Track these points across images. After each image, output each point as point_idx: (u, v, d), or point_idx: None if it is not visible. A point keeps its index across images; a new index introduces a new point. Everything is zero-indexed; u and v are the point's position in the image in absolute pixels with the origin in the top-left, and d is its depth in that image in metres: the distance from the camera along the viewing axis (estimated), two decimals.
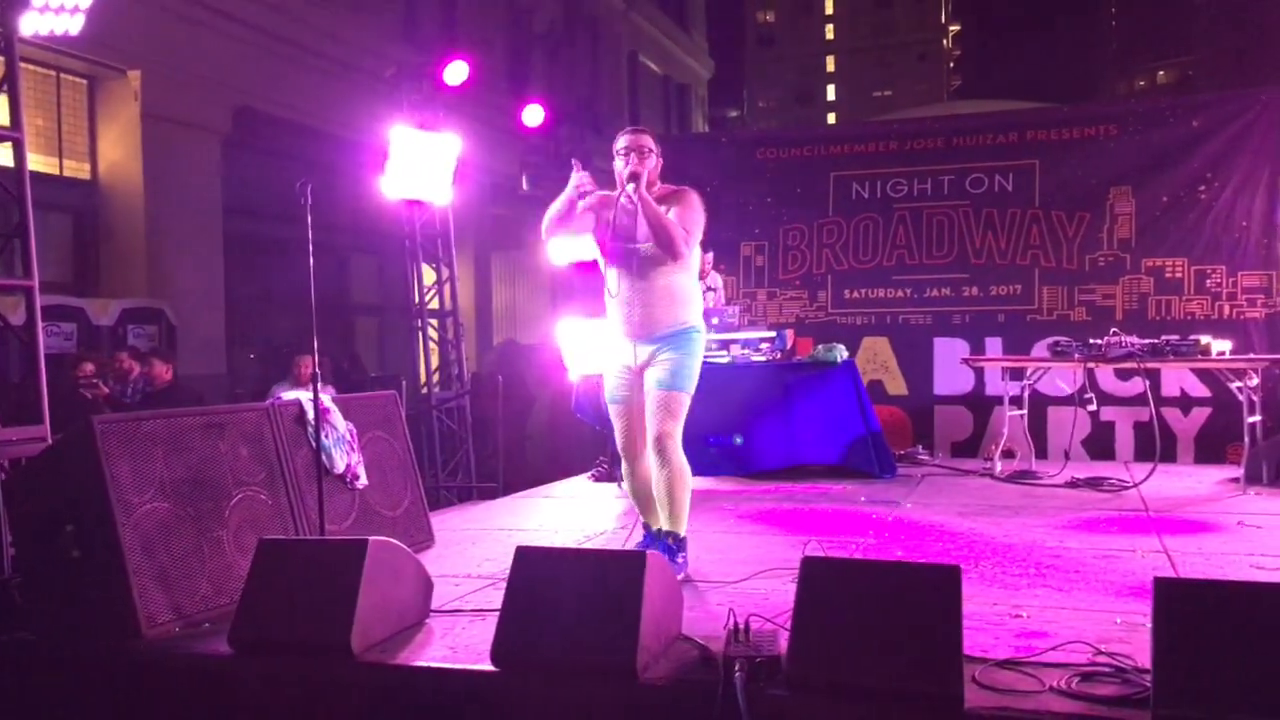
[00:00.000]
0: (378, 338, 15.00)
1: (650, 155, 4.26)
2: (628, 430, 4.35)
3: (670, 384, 4.18)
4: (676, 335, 4.23)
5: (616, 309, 4.31)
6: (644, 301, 4.23)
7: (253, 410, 4.44)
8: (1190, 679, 2.54)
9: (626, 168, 4.21)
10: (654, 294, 4.23)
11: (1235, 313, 8.01)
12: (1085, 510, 5.73)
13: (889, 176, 8.96)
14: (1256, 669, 2.51)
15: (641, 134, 4.34)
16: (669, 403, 4.17)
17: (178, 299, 10.35)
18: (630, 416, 4.33)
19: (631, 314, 4.25)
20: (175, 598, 3.67)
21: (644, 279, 4.23)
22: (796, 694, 2.78)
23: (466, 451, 9.28)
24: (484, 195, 14.74)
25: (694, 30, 27.32)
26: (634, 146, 4.26)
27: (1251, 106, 8.10)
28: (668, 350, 4.20)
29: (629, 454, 4.38)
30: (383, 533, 4.26)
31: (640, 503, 4.44)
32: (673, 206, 4.20)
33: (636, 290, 4.25)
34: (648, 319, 4.22)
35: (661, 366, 4.20)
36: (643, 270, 4.23)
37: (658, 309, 4.22)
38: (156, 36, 10.38)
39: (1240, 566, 4.31)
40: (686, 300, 4.29)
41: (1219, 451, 7.67)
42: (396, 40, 13.92)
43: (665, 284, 4.23)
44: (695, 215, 4.24)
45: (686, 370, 4.22)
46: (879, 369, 8.80)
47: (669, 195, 4.28)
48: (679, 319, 4.25)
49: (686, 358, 4.22)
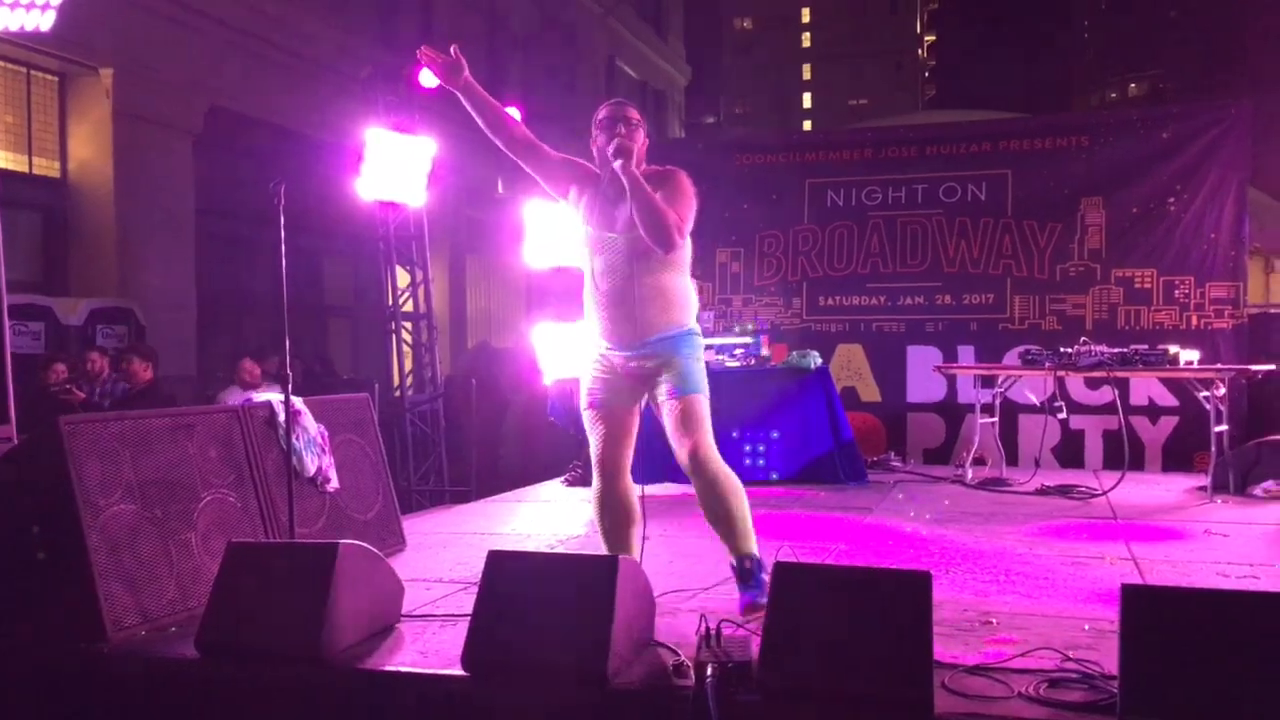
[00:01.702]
0: (351, 340, 14.92)
1: (639, 129, 3.65)
2: (606, 440, 3.71)
3: (682, 388, 3.58)
4: (670, 339, 3.63)
5: (595, 309, 3.70)
6: (629, 303, 3.60)
7: (222, 412, 4.41)
8: (1156, 686, 2.57)
9: (612, 142, 3.55)
10: (640, 296, 3.60)
11: (1203, 323, 8.10)
12: (1055, 517, 5.77)
13: (864, 184, 9.00)
14: (1221, 676, 2.54)
15: (628, 105, 3.74)
16: (689, 410, 3.57)
17: (148, 299, 10.26)
18: (609, 424, 3.71)
19: (615, 316, 3.63)
20: (142, 601, 3.63)
21: (628, 276, 3.60)
22: (768, 699, 2.79)
23: (439, 455, 9.24)
24: (459, 198, 14.71)
25: (671, 36, 27.38)
26: (620, 116, 3.64)
27: (1221, 119, 8.19)
28: (666, 355, 3.61)
29: (604, 469, 3.72)
30: (354, 536, 4.24)
31: (611, 532, 3.75)
32: (659, 190, 3.55)
33: (619, 291, 3.61)
34: (634, 323, 3.60)
35: (664, 376, 3.61)
36: (627, 265, 3.60)
37: (647, 311, 3.60)
38: (129, 34, 10.30)
39: (1207, 574, 4.35)
40: (680, 301, 3.68)
41: (1186, 460, 7.75)
42: (372, 42, 13.88)
43: (652, 282, 3.60)
44: (687, 200, 3.61)
45: (693, 372, 3.63)
46: (853, 376, 8.84)
47: (654, 176, 3.62)
48: (673, 321, 3.64)
49: (691, 359, 3.64)
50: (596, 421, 3.74)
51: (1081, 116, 15.28)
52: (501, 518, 6.25)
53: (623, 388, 3.71)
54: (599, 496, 3.76)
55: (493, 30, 17.83)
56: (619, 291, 3.61)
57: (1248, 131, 8.13)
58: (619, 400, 3.72)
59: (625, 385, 3.70)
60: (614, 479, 3.72)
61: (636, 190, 3.48)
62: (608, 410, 3.71)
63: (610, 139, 3.58)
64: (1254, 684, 2.52)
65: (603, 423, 3.72)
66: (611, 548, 3.72)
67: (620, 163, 3.49)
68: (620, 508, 3.74)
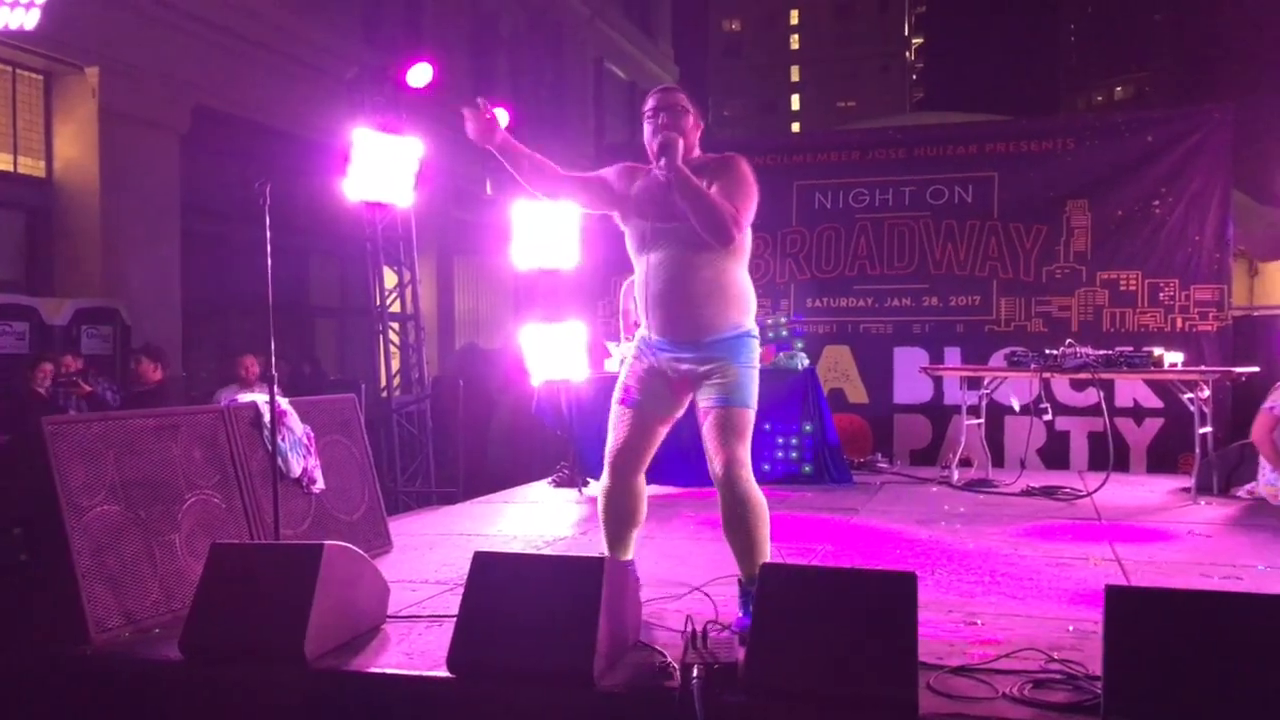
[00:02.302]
0: (338, 341, 14.87)
1: (686, 115, 3.48)
2: (629, 440, 3.54)
3: (730, 398, 3.37)
4: (728, 342, 3.42)
5: (648, 306, 3.50)
6: (686, 299, 3.39)
7: (208, 412, 4.39)
8: (1140, 686, 2.58)
9: (656, 136, 3.38)
10: (698, 290, 3.39)
11: (1187, 325, 8.14)
12: (1040, 518, 5.80)
13: (851, 186, 9.03)
14: (1205, 677, 2.56)
15: (674, 91, 3.59)
16: (732, 422, 3.37)
17: (133, 299, 10.20)
18: (637, 426, 3.54)
19: (670, 314, 3.43)
20: (125, 602, 3.61)
21: (684, 269, 3.39)
22: (753, 700, 2.79)
23: (426, 456, 9.23)
24: (447, 199, 14.68)
25: (659, 38, 27.39)
26: (664, 105, 3.48)
27: (1205, 123, 8.24)
28: (721, 360, 3.40)
29: (617, 465, 3.56)
30: (339, 537, 4.23)
31: (613, 529, 3.62)
32: (715, 180, 3.37)
33: (675, 285, 3.40)
34: (688, 320, 3.41)
35: (715, 380, 3.40)
36: (681, 259, 3.39)
37: (704, 309, 3.39)
38: (115, 33, 10.25)
39: (1190, 575, 4.38)
40: (739, 297, 3.47)
41: (1171, 461, 7.80)
42: (359, 41, 13.83)
43: (711, 276, 3.39)
44: (746, 189, 3.39)
45: (747, 382, 3.42)
46: (840, 377, 8.86)
47: (709, 165, 3.44)
48: (731, 321, 3.43)
49: (745, 368, 3.43)
50: (624, 419, 3.56)
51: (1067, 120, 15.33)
52: (488, 519, 6.24)
53: (664, 394, 3.54)
54: (606, 493, 3.61)
55: (480, 31, 17.79)
56: (676, 286, 3.41)
57: (1231, 135, 8.18)
58: (656, 406, 3.55)
59: (668, 392, 3.53)
60: (626, 477, 3.57)
61: (684, 187, 3.30)
62: (640, 412, 3.55)
63: (655, 131, 3.42)
64: (1237, 684, 2.53)
65: (630, 423, 3.55)
66: (612, 546, 3.65)
67: (665, 160, 3.31)
68: (627, 508, 3.60)
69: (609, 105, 23.45)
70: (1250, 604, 2.77)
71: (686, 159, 3.40)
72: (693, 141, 3.50)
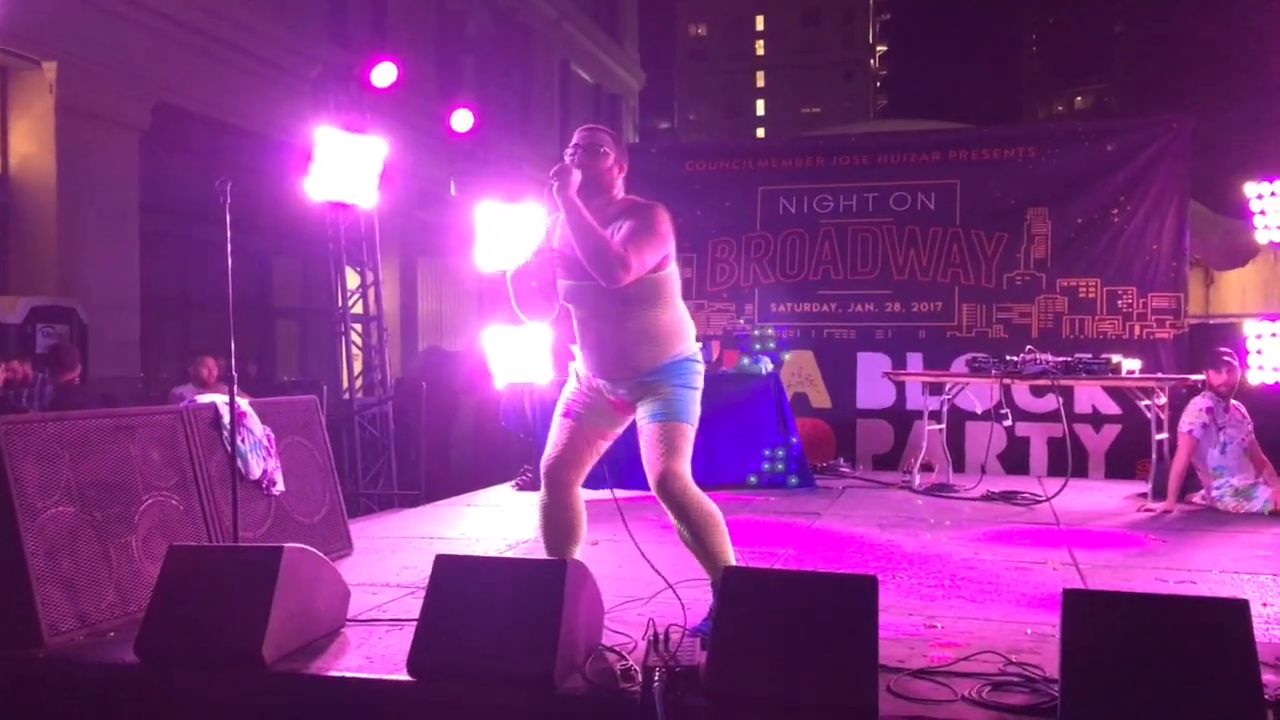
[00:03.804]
0: (300, 342, 14.74)
1: (603, 156, 3.41)
2: (565, 452, 3.52)
3: (667, 414, 3.39)
4: (664, 369, 3.43)
5: (582, 350, 3.55)
6: (614, 345, 3.43)
7: (166, 413, 4.33)
8: (1096, 688, 2.61)
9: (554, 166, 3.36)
10: (623, 337, 3.41)
11: (1145, 333, 8.26)
12: (999, 523, 5.86)
13: (815, 192, 9.07)
14: (1160, 679, 2.59)
15: (598, 131, 3.51)
16: (668, 436, 3.37)
17: (90, 298, 10.05)
18: (572, 436, 3.53)
19: (602, 361, 3.48)
20: (80, 605, 3.55)
21: (607, 319, 3.40)
22: (715, 703, 2.79)
23: (389, 459, 9.16)
24: (411, 200, 14.60)
25: (626, 41, 27.42)
26: (584, 143, 3.43)
27: (1163, 133, 8.36)
28: (657, 382, 3.42)
29: (552, 476, 3.53)
30: (299, 540, 4.18)
31: (552, 543, 3.56)
32: (625, 221, 3.34)
33: (602, 332, 3.43)
34: (620, 363, 3.44)
35: (652, 399, 3.42)
36: (604, 312, 3.40)
37: (635, 354, 3.42)
38: (74, 28, 10.10)
39: (1146, 579, 4.44)
40: (672, 336, 3.46)
41: (1128, 467, 7.89)
42: (323, 39, 13.74)
43: (637, 326, 3.39)
44: (652, 236, 3.33)
45: (685, 399, 3.43)
46: (804, 382, 8.90)
47: (626, 208, 3.42)
48: (661, 355, 3.43)
49: (682, 387, 3.44)
50: (563, 429, 3.55)
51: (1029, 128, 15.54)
52: (451, 521, 6.21)
53: (604, 410, 3.54)
54: (543, 506, 3.56)
55: (446, 32, 17.72)
56: (605, 338, 3.43)
57: (1189, 146, 8.31)
58: (596, 422, 3.54)
59: (607, 408, 3.54)
60: (560, 489, 3.52)
61: (570, 212, 3.25)
62: (580, 425, 3.53)
63: None
64: (1191, 686, 2.57)
65: (569, 433, 3.53)
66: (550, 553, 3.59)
67: (556, 185, 3.25)
68: (566, 523, 3.53)
69: (575, 108, 23.45)
70: (1204, 607, 2.82)
71: (604, 200, 3.40)
72: (610, 182, 3.45)
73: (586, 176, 3.35)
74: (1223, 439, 6.22)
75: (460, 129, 9.34)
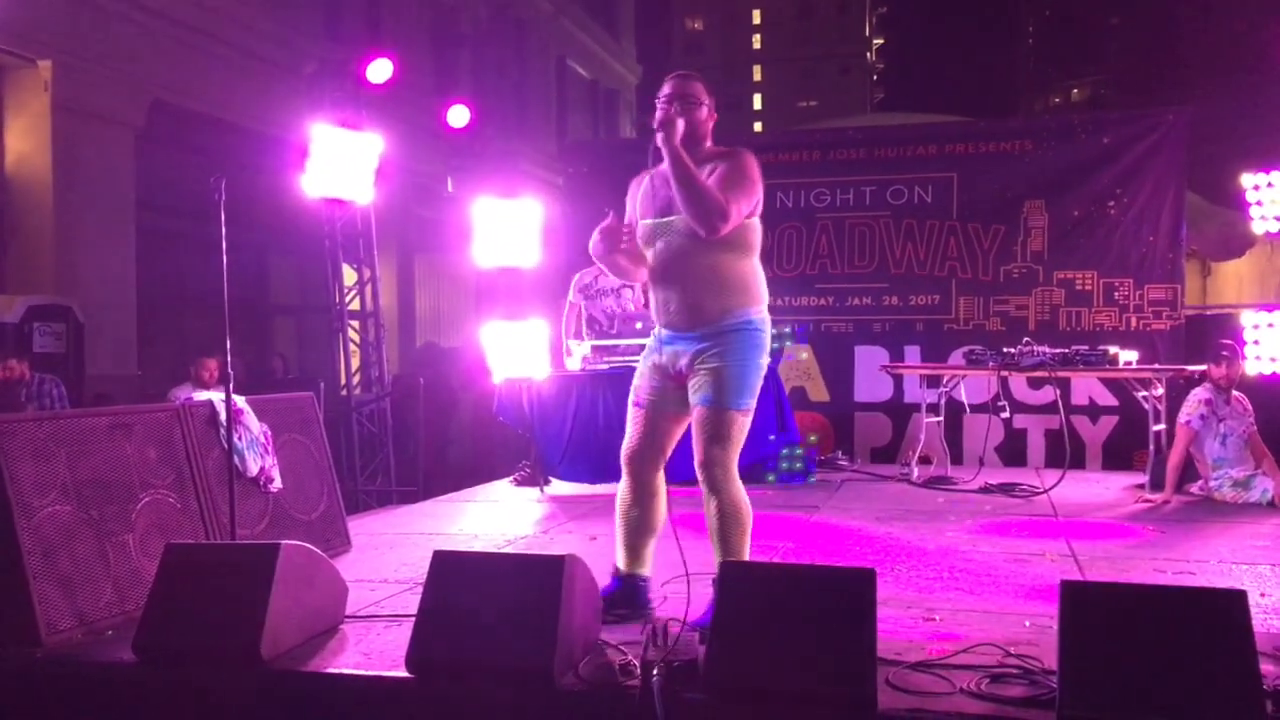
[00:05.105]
0: (297, 338, 14.73)
1: (699, 106, 3.46)
2: (638, 441, 3.55)
3: (716, 399, 3.35)
4: (726, 333, 3.38)
5: (653, 298, 3.53)
6: (682, 287, 3.40)
7: (162, 411, 4.33)
8: (1095, 680, 2.61)
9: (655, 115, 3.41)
10: (694, 277, 3.38)
11: (1142, 324, 8.26)
12: (997, 515, 5.86)
13: (812, 186, 9.06)
14: (1159, 670, 2.59)
15: (689, 79, 3.52)
16: (715, 424, 3.35)
17: (87, 296, 10.03)
18: (645, 425, 3.54)
19: (668, 302, 3.44)
20: (78, 604, 3.55)
21: (682, 258, 3.39)
22: (714, 698, 2.79)
23: (387, 455, 9.17)
24: (408, 196, 14.58)
25: (623, 36, 27.37)
26: (679, 93, 3.44)
27: (1159, 125, 8.36)
28: (714, 354, 3.38)
29: (630, 465, 3.56)
30: (297, 537, 4.19)
31: (625, 532, 3.59)
32: (715, 168, 3.39)
33: (674, 273, 3.41)
34: (687, 309, 3.39)
35: (704, 377, 3.38)
36: (681, 248, 3.39)
37: (701, 297, 3.38)
38: (69, 26, 10.07)
39: (1144, 570, 4.44)
40: (740, 285, 3.43)
41: (1126, 458, 7.90)
42: (318, 36, 13.70)
43: (709, 264, 3.38)
44: (745, 183, 3.39)
45: (738, 380, 3.37)
46: (801, 376, 8.90)
47: (716, 156, 3.45)
48: (728, 308, 3.39)
49: (738, 364, 3.38)
50: (635, 419, 3.57)
51: (1025, 121, 15.49)
52: (449, 518, 6.20)
53: (670, 391, 3.51)
54: (621, 495, 3.59)
55: (441, 27, 17.68)
56: (673, 274, 3.42)
57: (1185, 138, 8.30)
58: (666, 405, 3.52)
59: (673, 388, 3.50)
60: (639, 476, 3.54)
61: (675, 163, 3.29)
62: (649, 412, 3.54)
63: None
64: (1189, 677, 2.57)
65: (641, 423, 3.55)
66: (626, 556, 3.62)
67: (661, 135, 3.30)
68: (643, 510, 3.56)
69: (571, 103, 23.40)
70: (1202, 598, 2.82)
71: (697, 150, 3.42)
72: (705, 132, 3.49)
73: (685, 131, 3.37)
74: (1223, 430, 6.22)
75: (456, 125, 9.35)
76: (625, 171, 3.79)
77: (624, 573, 3.64)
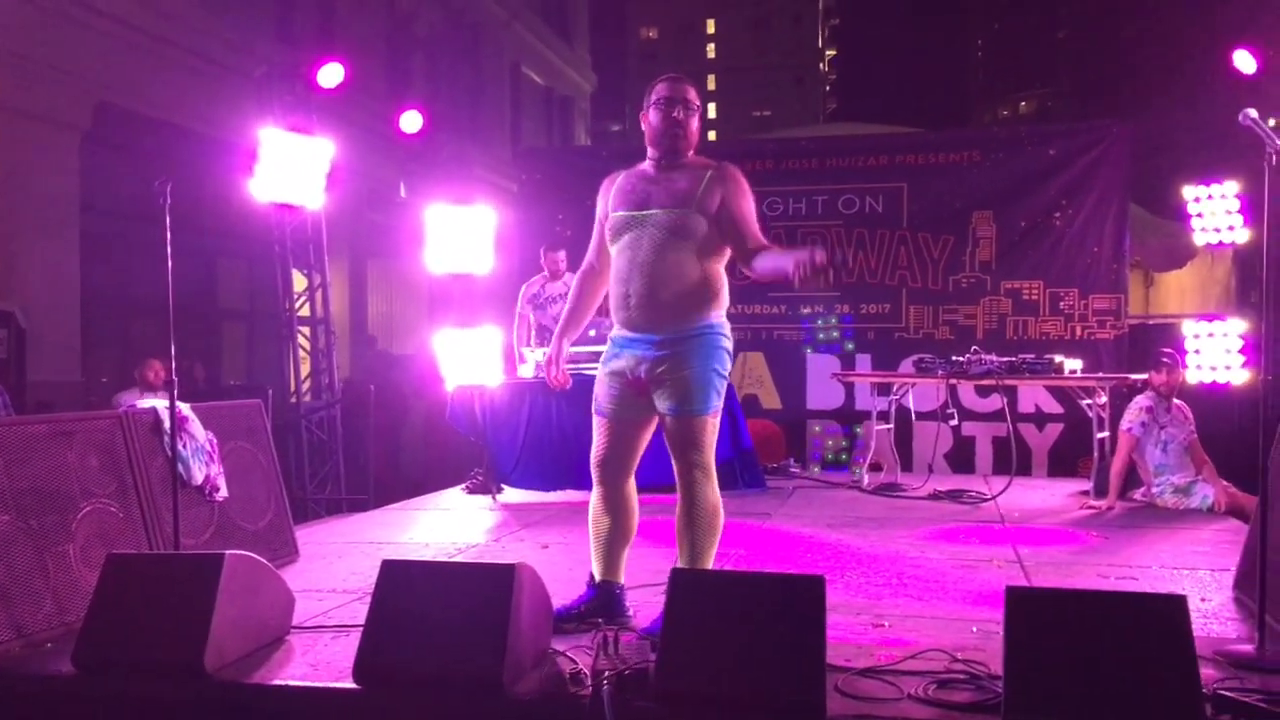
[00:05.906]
0: (246, 345, 14.52)
1: (696, 112, 3.47)
2: (605, 448, 3.53)
3: (684, 407, 3.35)
4: (688, 339, 3.37)
5: (613, 293, 3.49)
6: (647, 279, 3.36)
7: (104, 418, 4.24)
8: (1039, 684, 2.64)
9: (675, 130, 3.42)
10: (661, 271, 3.35)
11: (1086, 333, 8.41)
12: (946, 522, 5.92)
13: (765, 195, 9.09)
14: (1101, 674, 2.63)
15: (683, 82, 3.48)
16: (688, 431, 3.37)
17: (29, 301, 9.83)
18: (609, 434, 3.51)
19: (628, 296, 3.40)
20: (16, 615, 3.46)
21: (652, 251, 3.37)
22: (664, 705, 2.79)
23: (336, 463, 9.07)
24: (361, 200, 14.46)
25: (577, 44, 27.36)
26: (679, 97, 3.42)
27: (1103, 138, 8.52)
28: (675, 362, 3.36)
29: (598, 470, 3.54)
30: (244, 546, 4.13)
31: (599, 541, 3.58)
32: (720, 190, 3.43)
33: (639, 264, 3.38)
34: (647, 302, 3.37)
35: (669, 387, 3.36)
36: (654, 240, 3.37)
37: (662, 291, 3.35)
38: (12, 25, 9.86)
39: (1088, 575, 4.51)
40: (703, 289, 3.41)
41: (1071, 465, 8.03)
42: (268, 38, 13.54)
43: (677, 261, 3.36)
44: (750, 200, 3.51)
45: (703, 385, 3.37)
46: (754, 384, 8.95)
47: (701, 167, 3.47)
48: (687, 312, 3.38)
49: (702, 369, 3.37)
50: (600, 428, 3.55)
51: (974, 133, 15.75)
52: (400, 526, 6.15)
53: (630, 398, 3.48)
54: (592, 503, 3.59)
55: (395, 31, 17.56)
56: (639, 265, 3.38)
57: (1128, 151, 8.48)
58: (627, 411, 3.50)
59: (632, 394, 3.47)
60: (609, 483, 3.53)
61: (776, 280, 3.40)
62: (614, 421, 3.51)
63: (666, 121, 3.42)
64: (1132, 681, 2.61)
65: (607, 432, 3.53)
66: (600, 565, 3.60)
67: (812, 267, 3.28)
68: (616, 518, 3.55)
69: (526, 109, 23.35)
70: (1145, 603, 2.87)
71: (685, 158, 3.48)
72: (695, 140, 3.52)
73: (681, 135, 3.44)
74: (1164, 437, 6.34)
75: (409, 130, 9.29)
76: (579, 178, 3.80)
77: (599, 581, 3.62)
